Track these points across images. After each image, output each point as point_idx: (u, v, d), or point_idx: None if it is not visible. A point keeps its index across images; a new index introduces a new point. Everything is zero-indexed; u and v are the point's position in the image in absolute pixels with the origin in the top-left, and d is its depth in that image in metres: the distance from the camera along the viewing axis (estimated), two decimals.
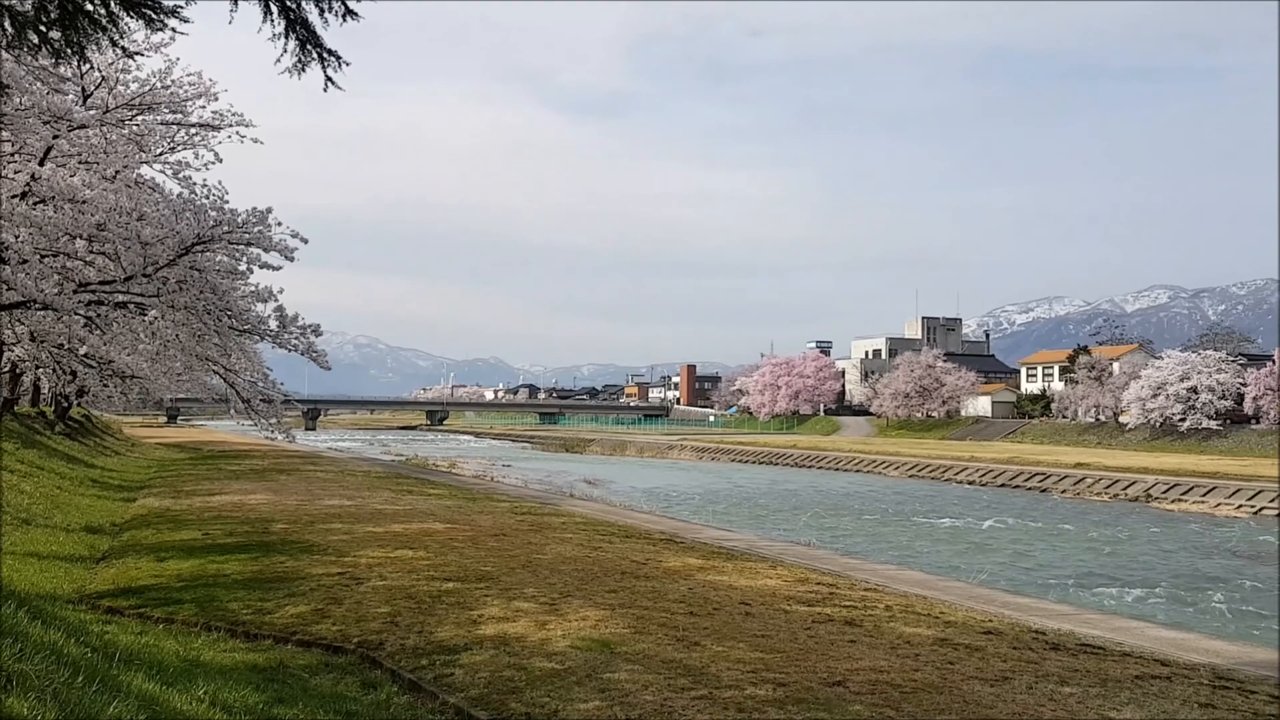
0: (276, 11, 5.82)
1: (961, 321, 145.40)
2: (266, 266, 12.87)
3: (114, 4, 5.63)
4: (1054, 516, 34.12)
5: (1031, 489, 45.53)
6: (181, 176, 13.68)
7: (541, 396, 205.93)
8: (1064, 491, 43.82)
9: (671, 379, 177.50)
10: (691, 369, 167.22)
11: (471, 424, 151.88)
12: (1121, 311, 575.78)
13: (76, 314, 12.20)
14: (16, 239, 11.09)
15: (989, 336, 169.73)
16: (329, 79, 6.45)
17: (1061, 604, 14.19)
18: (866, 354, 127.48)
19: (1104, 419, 77.00)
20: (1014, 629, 9.63)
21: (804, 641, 8.19)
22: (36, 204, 11.40)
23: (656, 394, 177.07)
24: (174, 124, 13.53)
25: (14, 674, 4.35)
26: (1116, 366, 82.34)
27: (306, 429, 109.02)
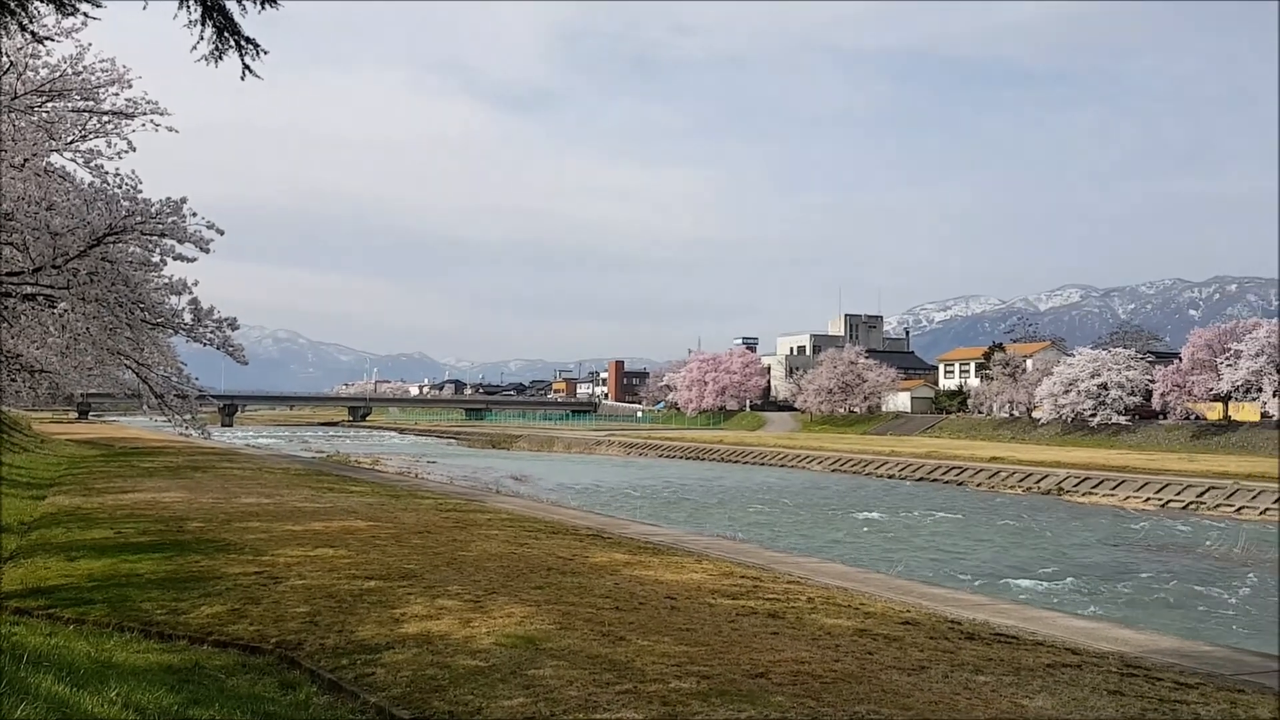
0: None
1: (883, 319, 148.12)
2: (181, 258, 12.52)
3: None
4: (970, 509, 35.01)
5: (949, 482, 46.65)
6: (93, 165, 13.23)
7: (468, 392, 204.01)
8: (979, 485, 44.99)
9: (600, 375, 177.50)
10: (620, 365, 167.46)
11: (395, 420, 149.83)
12: (1035, 310, 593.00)
13: None
14: None
15: (909, 334, 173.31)
16: (247, 68, 6.32)
17: (977, 595, 14.58)
18: (791, 350, 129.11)
19: (1018, 414, 79.21)
20: (931, 619, 9.87)
21: (728, 634, 8.28)
22: None
23: (584, 390, 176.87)
24: (85, 111, 13.08)
25: None
26: (1030, 363, 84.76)
27: (223, 425, 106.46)
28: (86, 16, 7.22)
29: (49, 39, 11.72)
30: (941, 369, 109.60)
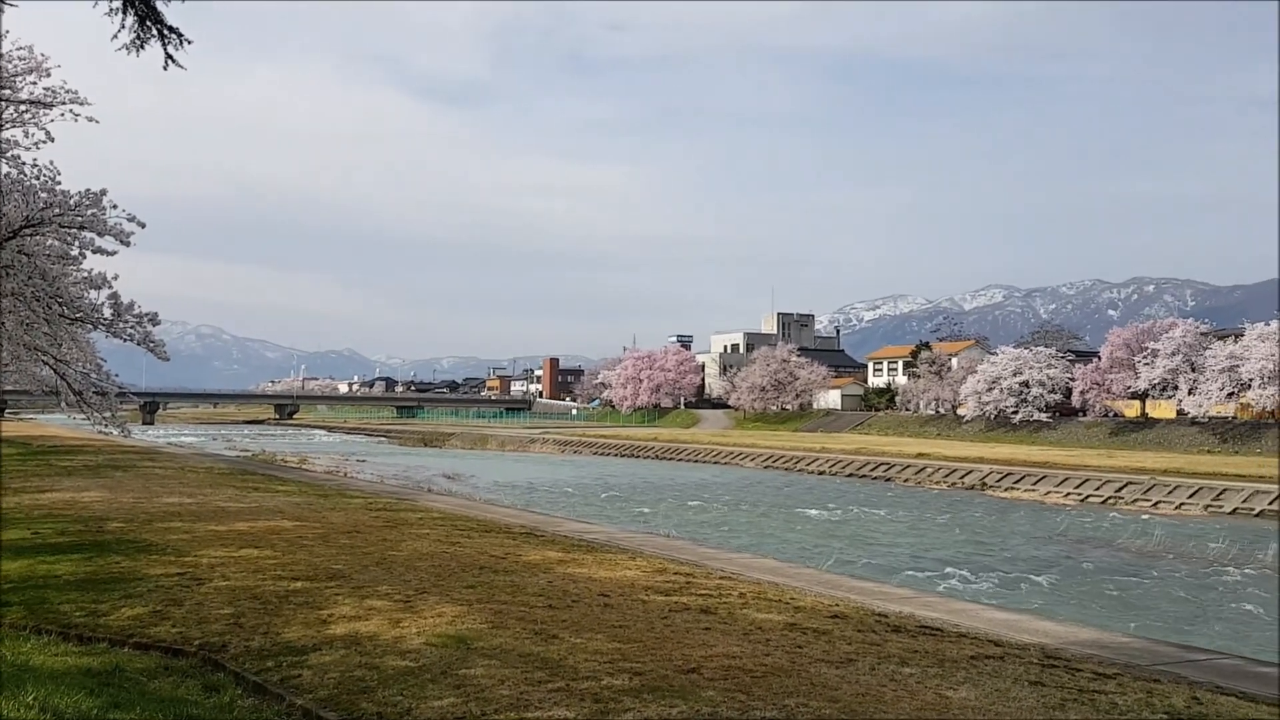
0: None
1: (814, 317, 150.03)
2: (100, 251, 12.19)
3: None
4: (897, 504, 35.67)
5: (877, 478, 47.48)
6: (9, 156, 12.79)
7: (399, 390, 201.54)
8: (906, 480, 45.87)
9: (534, 372, 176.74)
10: (554, 362, 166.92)
11: (324, 418, 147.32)
12: (960, 309, 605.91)
13: None
14: None
15: (839, 332, 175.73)
16: (169, 57, 6.17)
17: (903, 588, 14.87)
18: (725, 348, 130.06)
19: (944, 411, 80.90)
20: (859, 613, 10.04)
21: (661, 630, 8.33)
22: None
23: (519, 387, 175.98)
24: (1, 100, 12.63)
25: None
26: (955, 362, 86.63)
27: (144, 423, 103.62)
28: (4, 3, 6.97)
29: None
30: (871, 367, 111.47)
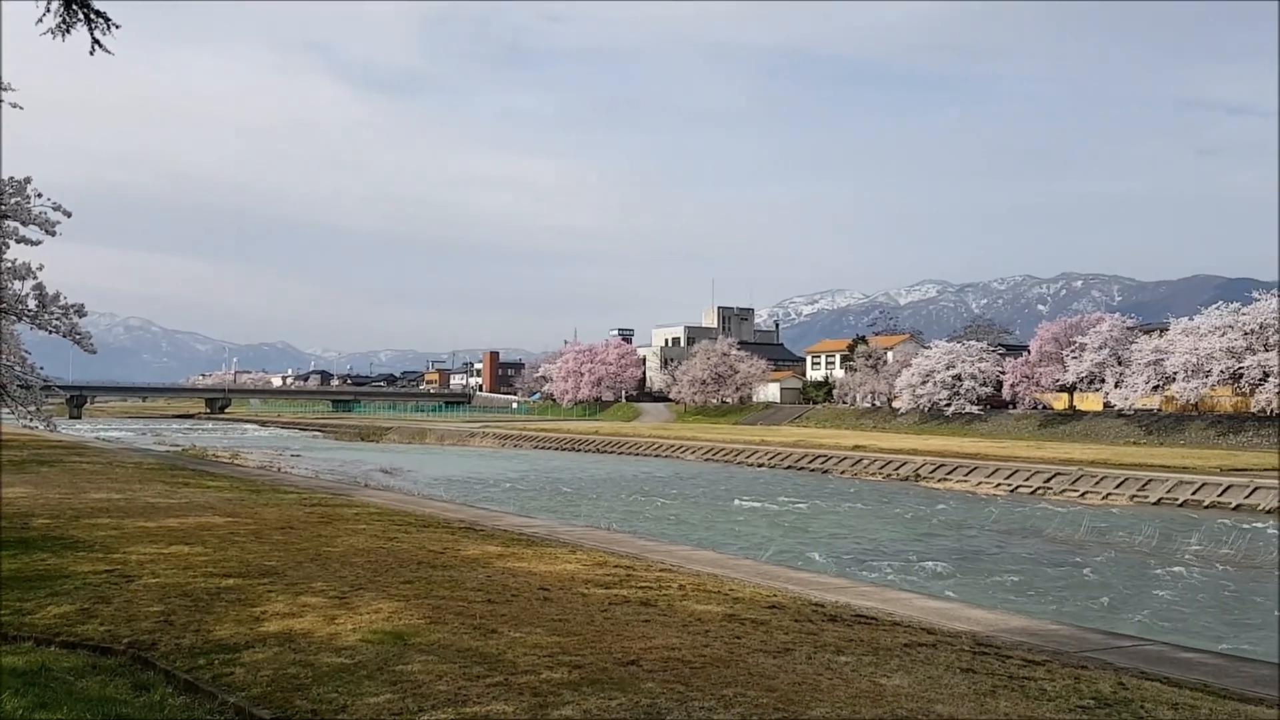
0: None
1: (754, 311, 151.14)
2: (24, 241, 11.82)
3: None
4: (834, 496, 36.15)
5: (815, 470, 48.05)
6: None
7: (335, 383, 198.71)
8: (843, 472, 46.49)
9: (474, 365, 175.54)
10: (495, 355, 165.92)
11: (257, 412, 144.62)
12: (896, 304, 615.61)
13: None
14: None
15: (778, 326, 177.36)
16: (96, 42, 6.01)
17: (840, 578, 15.08)
18: (666, 342, 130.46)
19: (880, 404, 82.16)
20: (796, 603, 10.15)
21: (600, 623, 8.33)
22: None
23: (458, 381, 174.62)
24: None
25: None
26: (891, 355, 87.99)
27: (71, 417, 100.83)
28: None
29: None
30: (809, 360, 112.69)
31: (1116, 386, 63.31)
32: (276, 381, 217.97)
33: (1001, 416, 70.89)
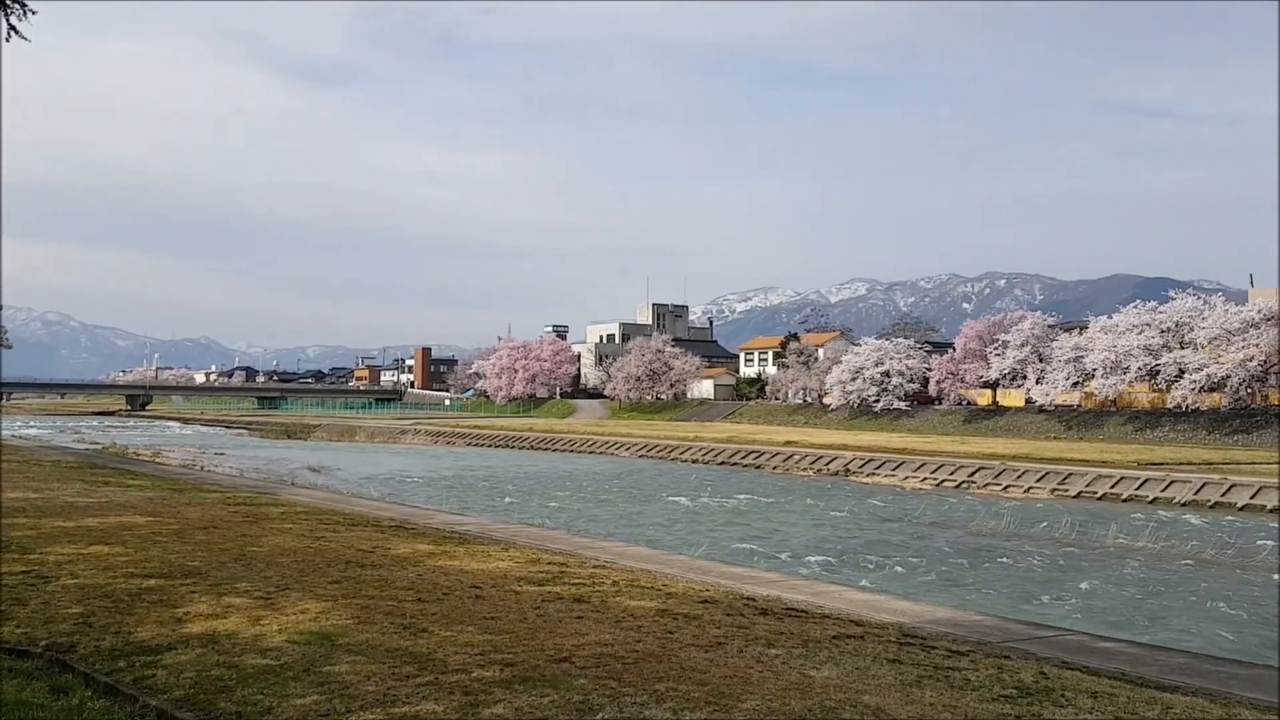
0: None
1: (688, 308, 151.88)
2: None
3: None
4: (767, 491, 36.51)
5: (748, 466, 48.49)
6: None
7: (260, 380, 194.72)
8: (775, 468, 46.99)
9: (405, 362, 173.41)
10: (426, 351, 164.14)
11: (179, 409, 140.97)
12: (827, 302, 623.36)
13: None
14: None
15: (712, 323, 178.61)
16: (13, 28, 5.82)
17: (771, 572, 15.24)
18: (601, 338, 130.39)
19: (811, 400, 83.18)
20: (728, 597, 10.24)
21: (533, 621, 8.30)
22: None
23: (389, 377, 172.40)
24: None
25: None
26: (821, 352, 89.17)
27: None
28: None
29: None
30: (742, 357, 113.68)
31: (1038, 383, 65.00)
32: (200, 378, 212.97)
33: (928, 412, 72.30)
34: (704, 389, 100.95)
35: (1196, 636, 14.46)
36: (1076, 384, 62.60)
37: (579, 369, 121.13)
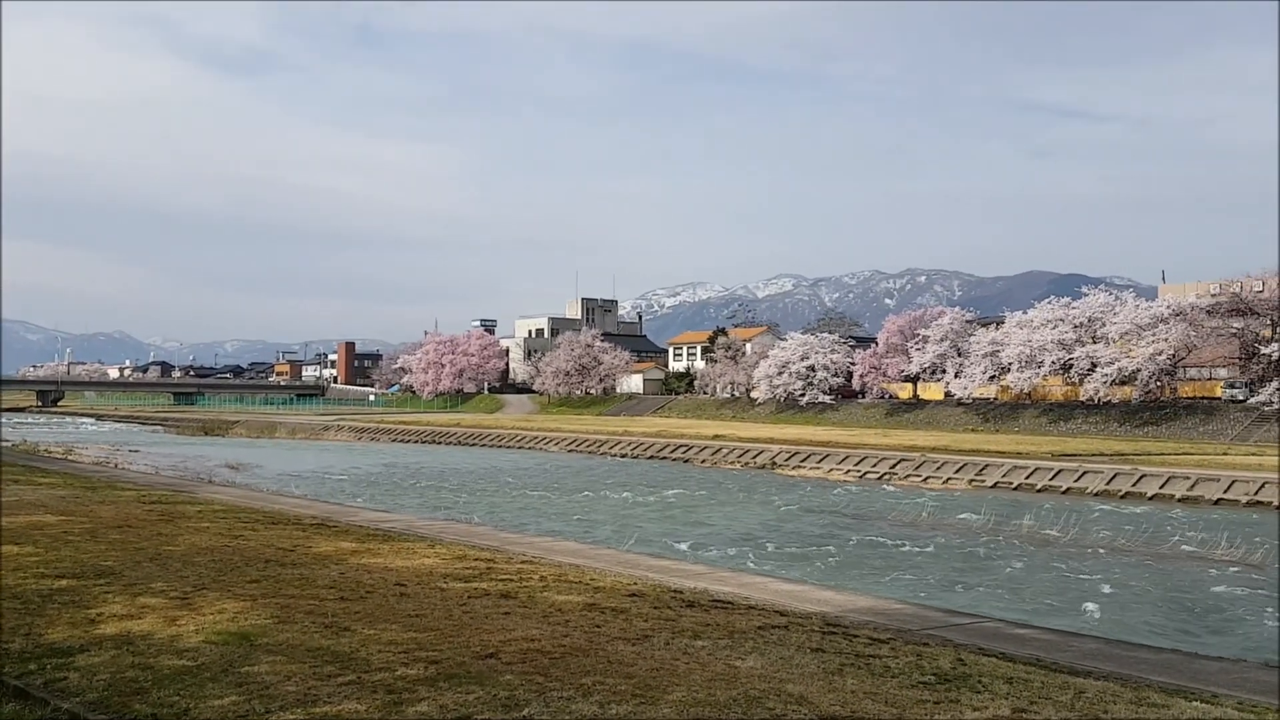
0: None
1: (617, 303, 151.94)
2: None
3: None
4: (695, 484, 36.76)
5: (677, 459, 48.76)
6: None
7: (177, 375, 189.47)
8: (704, 461, 47.34)
9: (328, 357, 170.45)
10: (350, 346, 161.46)
11: (93, 405, 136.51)
12: (754, 297, 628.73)
13: None
14: None
15: (641, 318, 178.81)
16: None
17: (699, 564, 15.36)
18: (530, 333, 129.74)
19: (738, 394, 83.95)
20: (656, 590, 10.29)
21: (459, 618, 8.24)
22: None
23: (311, 372, 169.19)
24: None
25: None
26: (749, 347, 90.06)
27: None
28: None
29: None
30: (671, 352, 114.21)
31: (956, 376, 66.57)
32: (114, 373, 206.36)
33: (852, 405, 73.55)
34: (633, 384, 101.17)
35: (1109, 622, 14.97)
36: (993, 378, 64.26)
37: (507, 364, 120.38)
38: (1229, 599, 17.21)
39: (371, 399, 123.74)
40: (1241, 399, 53.69)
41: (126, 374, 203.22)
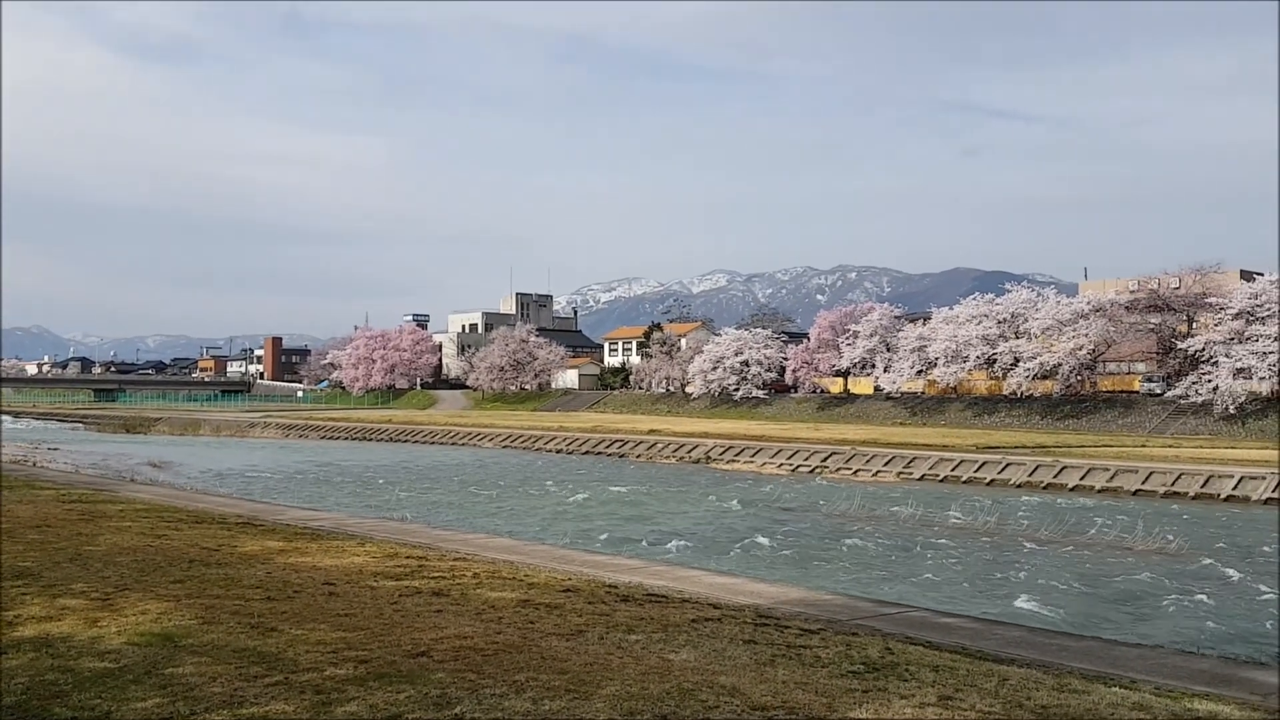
0: None
1: (552, 298, 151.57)
2: None
3: None
4: (631, 479, 36.81)
5: (612, 455, 48.78)
6: None
7: (98, 371, 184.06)
8: (639, 456, 47.45)
9: (254, 352, 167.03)
10: (277, 341, 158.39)
11: (9, 402, 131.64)
12: (689, 293, 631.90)
13: None
14: None
15: (577, 313, 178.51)
16: None
17: (634, 559, 15.40)
18: (464, 328, 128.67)
19: (674, 389, 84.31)
20: (590, 586, 10.30)
21: (390, 616, 8.15)
22: None
23: (236, 368, 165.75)
24: None
25: None
26: (684, 342, 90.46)
27: None
28: None
29: None
30: (606, 347, 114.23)
31: (885, 371, 67.73)
32: (32, 369, 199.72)
33: (784, 400, 74.35)
34: (569, 379, 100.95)
35: (1032, 611, 15.37)
36: (921, 372, 65.51)
37: (440, 359, 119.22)
38: (1147, 587, 17.80)
39: (300, 395, 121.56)
40: (1159, 393, 55.52)
41: (45, 370, 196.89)
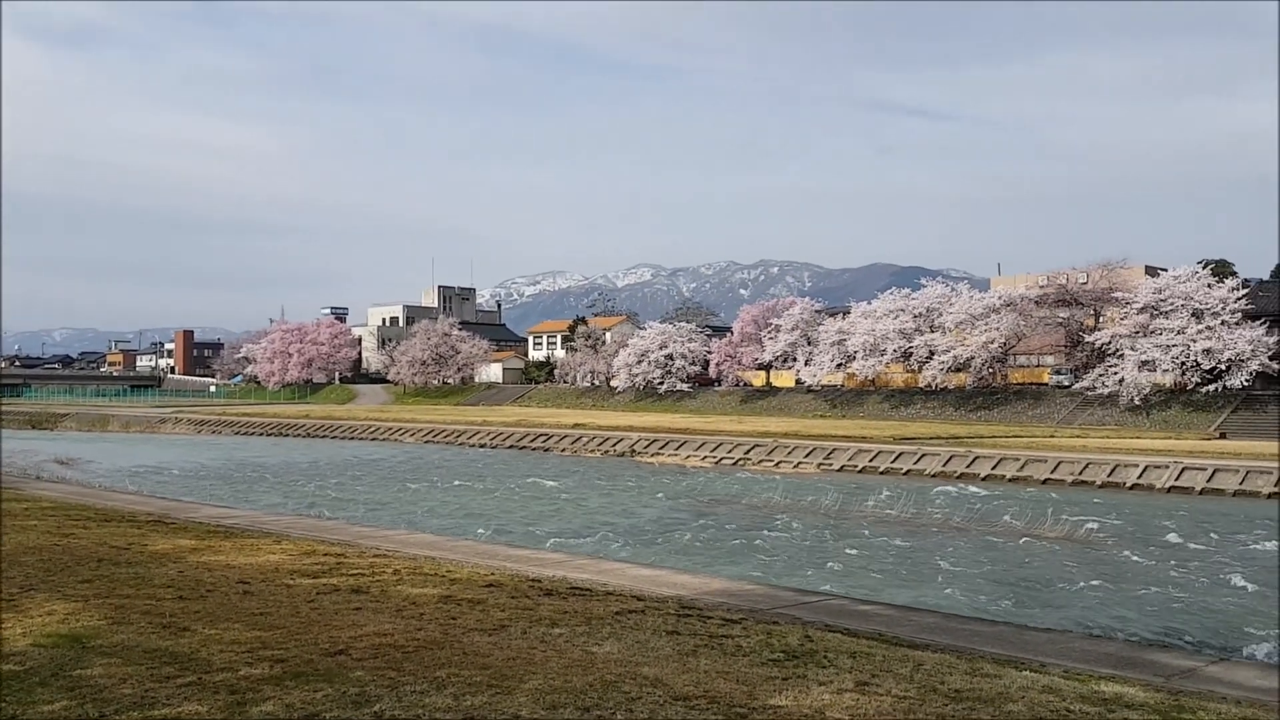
0: None
1: (476, 291, 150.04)
2: None
3: None
4: (555, 473, 36.73)
5: (537, 449, 48.61)
6: None
7: (1, 365, 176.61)
8: (564, 450, 47.36)
9: (165, 346, 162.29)
10: (189, 335, 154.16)
11: None
12: (614, 286, 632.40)
13: None
14: None
15: (501, 307, 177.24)
16: None
17: (558, 552, 15.38)
18: (384, 321, 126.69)
19: (599, 383, 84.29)
20: (514, 580, 10.25)
21: (307, 615, 8.01)
22: None
23: (146, 362, 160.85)
24: None
25: None
26: (609, 336, 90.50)
27: None
28: None
29: None
30: (531, 341, 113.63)
31: (806, 364, 68.70)
32: None
33: (708, 393, 74.93)
34: (493, 373, 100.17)
35: (946, 597, 15.77)
36: (840, 365, 66.59)
37: (360, 353, 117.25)
38: (1055, 573, 18.39)
39: (213, 390, 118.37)
40: (1067, 385, 57.40)
41: None
